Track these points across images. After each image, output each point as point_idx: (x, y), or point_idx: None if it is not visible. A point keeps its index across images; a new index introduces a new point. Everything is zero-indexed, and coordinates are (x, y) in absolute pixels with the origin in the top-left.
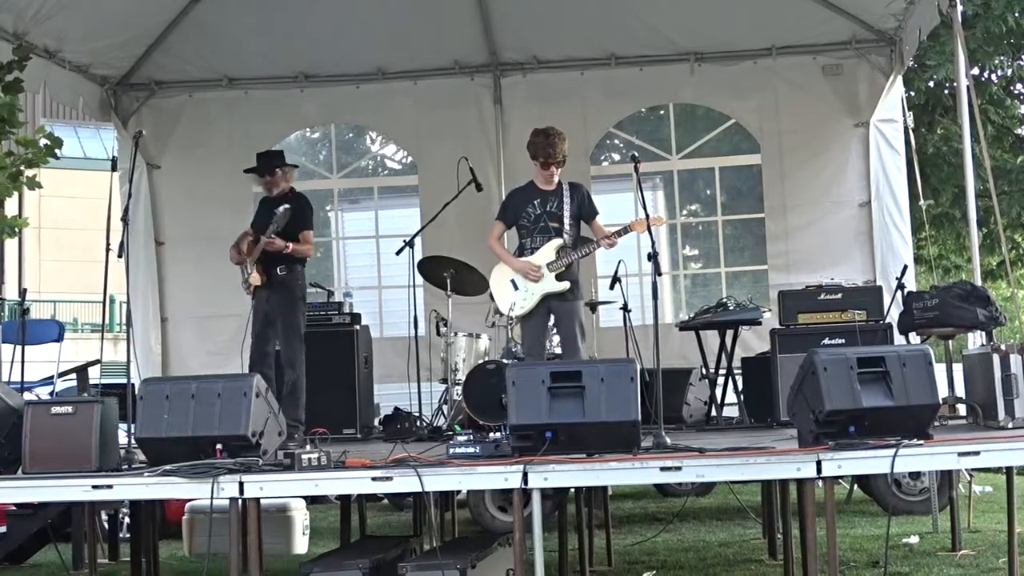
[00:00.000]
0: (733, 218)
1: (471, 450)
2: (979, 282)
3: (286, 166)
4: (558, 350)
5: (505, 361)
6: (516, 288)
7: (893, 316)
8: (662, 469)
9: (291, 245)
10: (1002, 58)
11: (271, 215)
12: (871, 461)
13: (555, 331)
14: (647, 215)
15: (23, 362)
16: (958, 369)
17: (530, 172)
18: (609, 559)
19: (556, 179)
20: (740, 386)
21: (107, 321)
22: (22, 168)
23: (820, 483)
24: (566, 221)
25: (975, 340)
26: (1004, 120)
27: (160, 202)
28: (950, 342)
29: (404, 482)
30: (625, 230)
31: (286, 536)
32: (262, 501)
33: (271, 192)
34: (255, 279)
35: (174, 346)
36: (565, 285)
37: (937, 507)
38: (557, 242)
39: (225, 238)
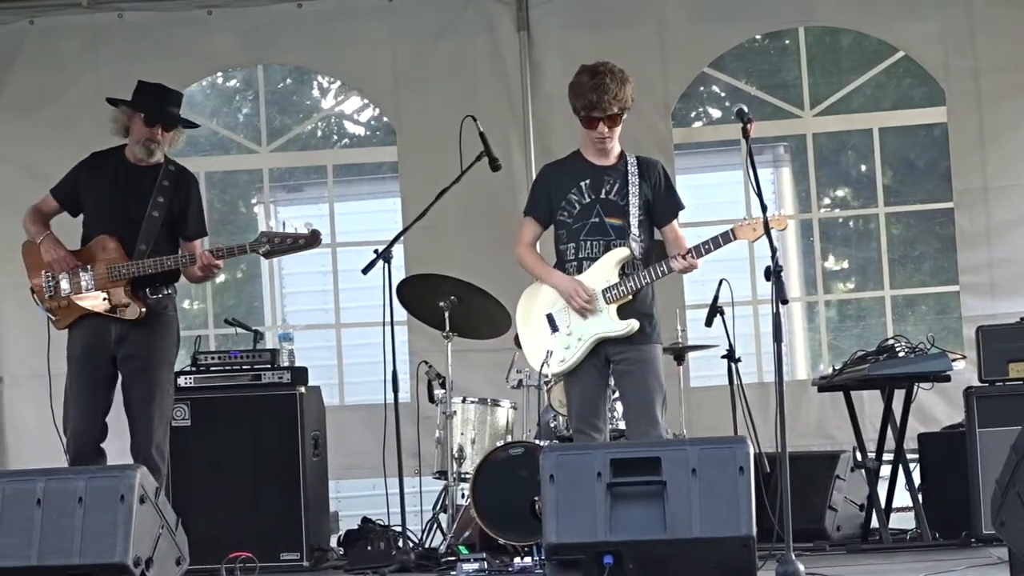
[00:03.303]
0: (903, 210)
1: None
2: None
3: (189, 125)
4: (622, 425)
5: (539, 443)
6: (555, 329)
7: None
8: None
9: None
10: None
11: (146, 198)
12: None
13: (616, 396)
14: (764, 211)
15: None
16: None
17: (575, 140)
18: None
19: (615, 148)
20: (917, 480)
21: None
22: None
23: None
24: (633, 216)
25: None
26: None
27: None
28: None
29: None
30: (720, 240)
31: None
32: None
33: (148, 157)
34: (114, 298)
35: (9, 418)
36: (632, 325)
37: None
38: (620, 253)
39: None
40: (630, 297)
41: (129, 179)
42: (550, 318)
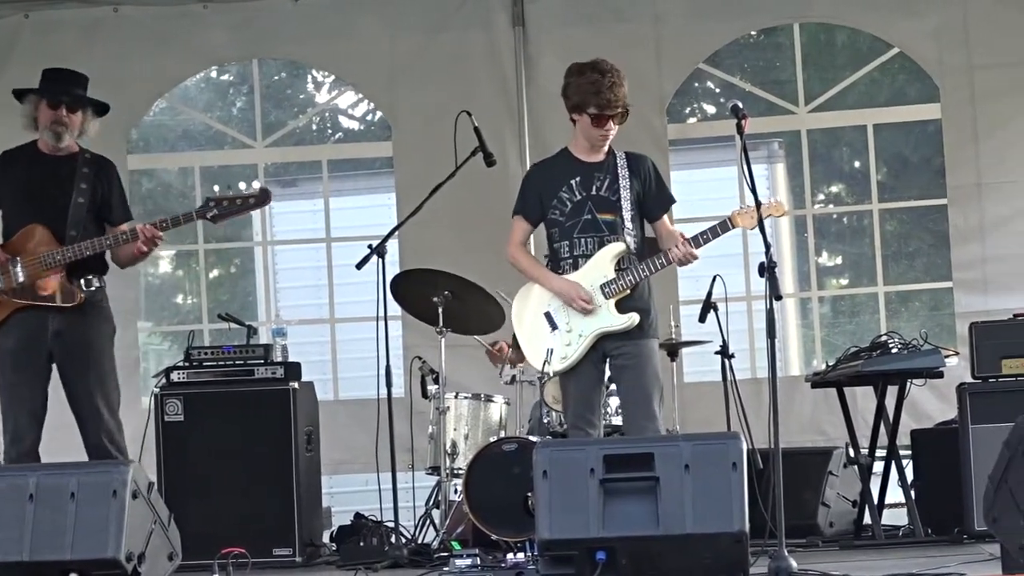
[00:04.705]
0: (897, 206)
1: None
2: None
3: (98, 106)
4: (618, 420)
5: (532, 438)
6: (554, 327)
7: None
8: None
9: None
10: None
11: (68, 186)
12: None
13: (610, 390)
14: (757, 201)
15: None
16: None
17: (571, 135)
18: None
19: (607, 145)
20: (910, 476)
21: None
22: None
23: None
24: (626, 211)
25: None
26: None
27: None
28: None
29: None
30: (719, 229)
31: None
32: None
33: (57, 141)
34: (49, 287)
35: None
36: (633, 319)
37: None
38: (615, 248)
39: None
40: (628, 291)
41: (46, 169)
42: (548, 316)
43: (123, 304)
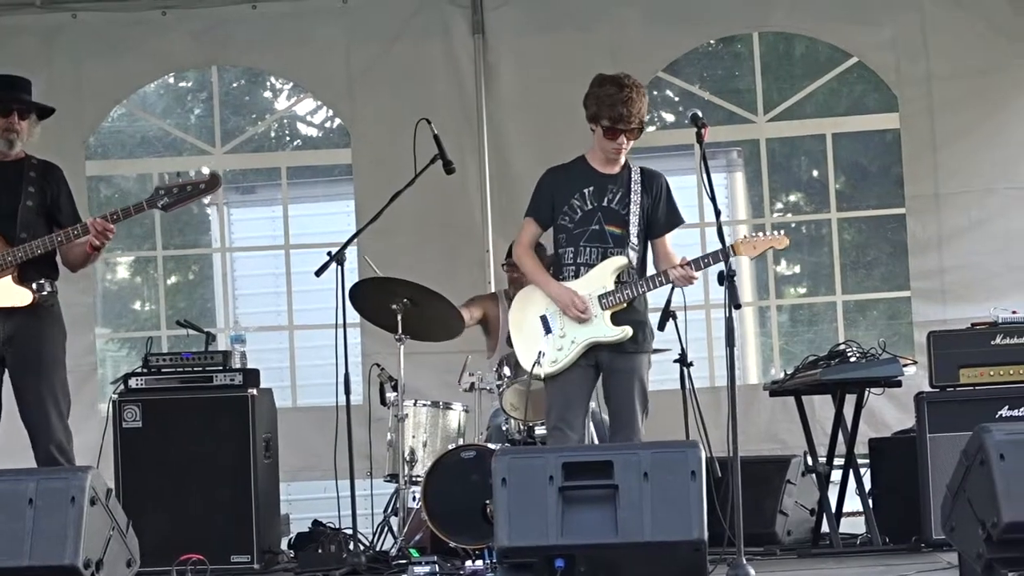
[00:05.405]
0: (855, 215)
1: None
2: None
3: (44, 110)
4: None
5: (491, 446)
6: (548, 330)
7: None
8: None
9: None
10: None
11: (16, 190)
12: None
13: (596, 398)
14: (718, 216)
15: None
16: None
17: (537, 144)
18: None
19: (623, 158)
20: (868, 485)
21: None
22: None
23: None
24: (633, 226)
25: None
26: None
27: None
28: None
29: None
30: (720, 255)
31: None
32: None
33: (9, 148)
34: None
35: None
36: (626, 331)
37: None
38: (618, 261)
39: None
40: (625, 304)
41: None
42: (544, 319)
43: (80, 310)
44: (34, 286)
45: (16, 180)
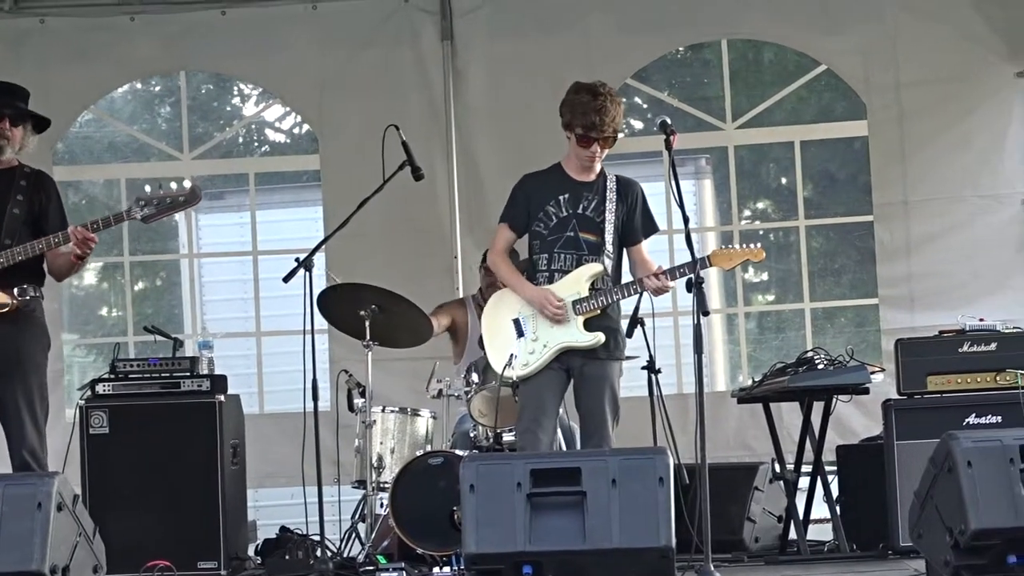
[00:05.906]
0: (823, 223)
1: None
2: None
3: (41, 121)
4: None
5: (458, 452)
6: (520, 333)
7: None
8: None
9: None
10: None
11: (4, 198)
12: None
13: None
14: (686, 223)
15: None
16: None
17: (506, 150)
18: None
19: (598, 166)
20: (835, 492)
21: None
22: None
23: None
24: (608, 233)
25: None
26: None
27: None
28: None
29: None
30: (696, 265)
31: None
32: None
33: None
34: None
35: None
36: (599, 338)
37: None
38: (593, 268)
39: None
40: (598, 311)
41: None
42: (516, 323)
43: (46, 316)
44: (15, 291)
45: (5, 187)
